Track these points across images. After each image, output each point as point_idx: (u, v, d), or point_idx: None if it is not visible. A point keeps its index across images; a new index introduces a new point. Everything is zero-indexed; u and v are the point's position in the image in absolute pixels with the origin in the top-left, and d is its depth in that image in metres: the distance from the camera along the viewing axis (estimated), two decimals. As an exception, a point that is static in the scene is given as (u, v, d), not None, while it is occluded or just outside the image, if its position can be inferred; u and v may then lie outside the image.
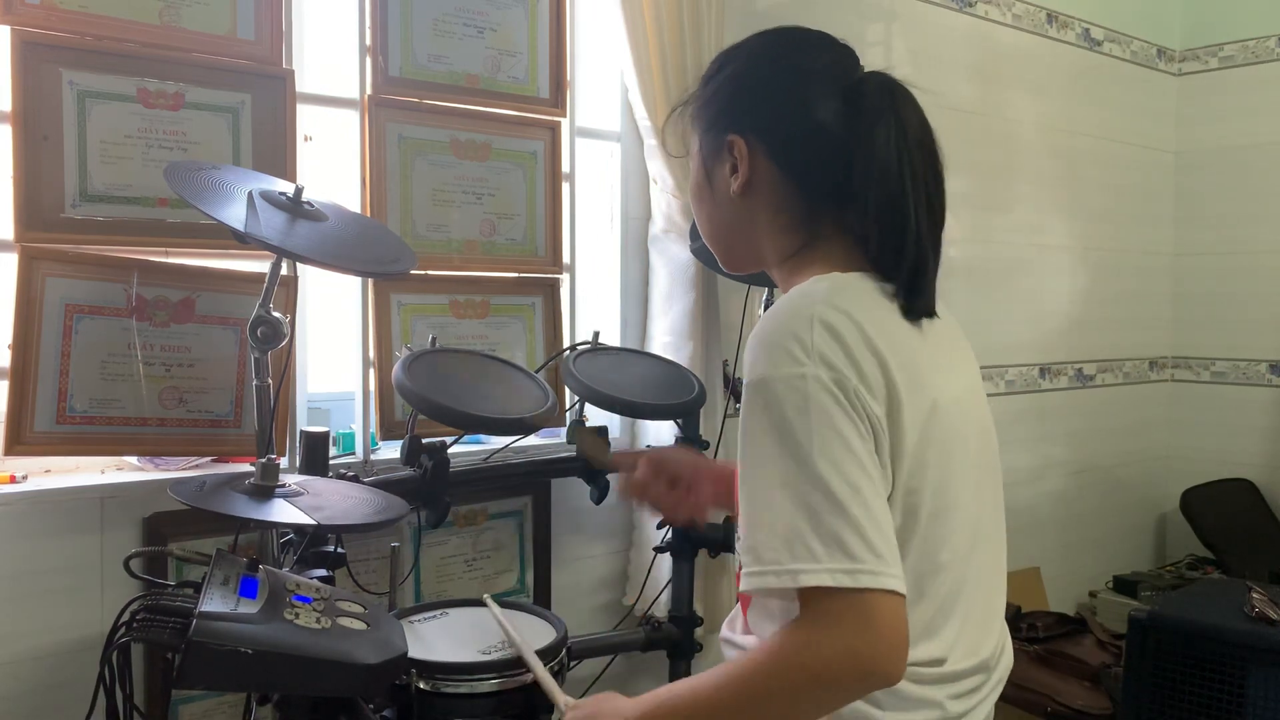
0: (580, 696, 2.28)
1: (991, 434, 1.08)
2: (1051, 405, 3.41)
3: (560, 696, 1.25)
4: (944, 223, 1.01)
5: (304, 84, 1.90)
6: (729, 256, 1.12)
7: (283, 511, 1.38)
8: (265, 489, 1.43)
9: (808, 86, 1.02)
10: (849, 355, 0.89)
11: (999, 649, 1.04)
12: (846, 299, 0.94)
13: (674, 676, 2.19)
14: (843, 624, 0.83)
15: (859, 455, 0.87)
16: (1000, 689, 1.04)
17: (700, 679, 0.94)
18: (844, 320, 0.91)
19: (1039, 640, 2.80)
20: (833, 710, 0.91)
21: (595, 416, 2.14)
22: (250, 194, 1.53)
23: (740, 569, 0.92)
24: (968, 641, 0.97)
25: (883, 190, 0.96)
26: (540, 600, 2.17)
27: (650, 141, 2.23)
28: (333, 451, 1.87)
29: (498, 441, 2.09)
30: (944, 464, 0.95)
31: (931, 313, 1.01)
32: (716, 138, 1.06)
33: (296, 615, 1.19)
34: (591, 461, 2.00)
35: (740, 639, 1.07)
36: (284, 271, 1.75)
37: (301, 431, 1.74)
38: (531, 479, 2.09)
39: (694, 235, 2.18)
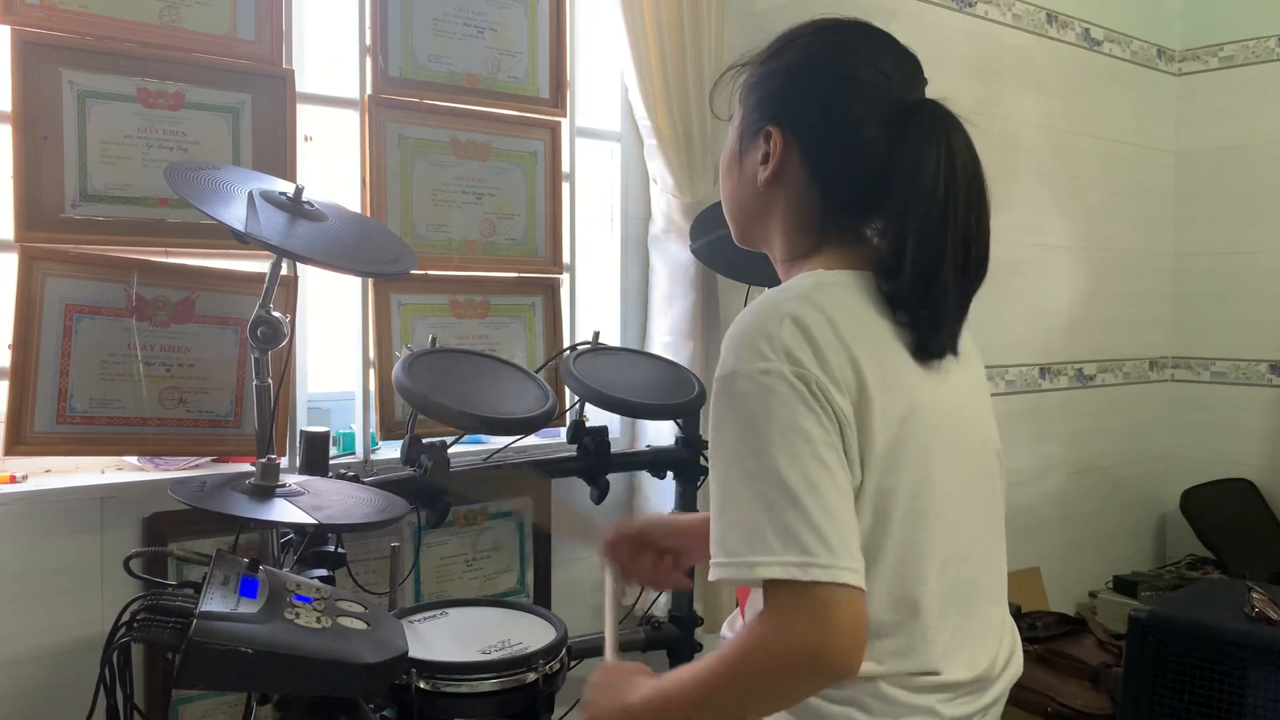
0: (580, 697, 2.28)
1: (992, 440, 1.06)
2: (1051, 405, 3.40)
3: (608, 653, 1.18)
4: (984, 273, 1.00)
5: (304, 84, 1.90)
6: (741, 234, 1.12)
7: (283, 511, 1.38)
8: (265, 489, 1.43)
9: (858, 101, 0.99)
10: (815, 350, 0.89)
11: (1003, 657, 1.02)
12: (825, 295, 0.93)
13: (674, 676, 2.19)
14: (796, 616, 0.84)
15: (819, 449, 0.87)
16: (1005, 699, 1.02)
17: (680, 673, 0.94)
18: (815, 315, 0.91)
19: (1039, 640, 2.80)
20: (793, 703, 0.91)
21: (595, 416, 2.14)
22: (250, 194, 1.53)
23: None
24: (965, 653, 0.96)
25: (920, 224, 0.95)
26: (540, 600, 2.17)
27: (650, 141, 2.22)
28: (333, 451, 1.87)
29: (498, 441, 2.09)
30: (923, 467, 0.93)
31: (943, 354, 0.99)
32: (757, 122, 1.04)
33: (297, 615, 1.19)
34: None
35: None
36: (284, 271, 1.75)
37: (301, 431, 1.75)
38: (531, 479, 2.09)
39: (694, 235, 2.18)
